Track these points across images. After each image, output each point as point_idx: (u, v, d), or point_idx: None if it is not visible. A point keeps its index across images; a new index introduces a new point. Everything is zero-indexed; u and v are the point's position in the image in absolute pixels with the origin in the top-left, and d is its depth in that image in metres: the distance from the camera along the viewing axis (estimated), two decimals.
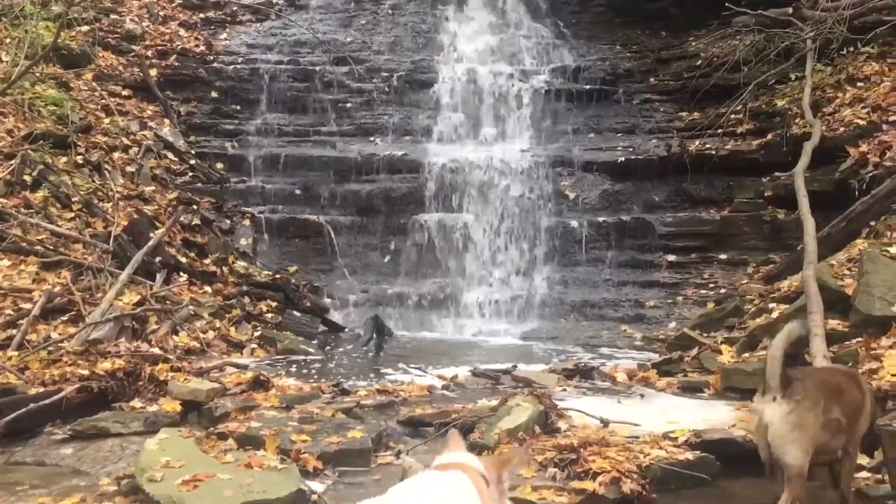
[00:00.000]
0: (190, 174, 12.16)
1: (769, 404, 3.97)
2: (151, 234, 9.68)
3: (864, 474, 4.87)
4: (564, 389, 7.03)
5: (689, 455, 5.00)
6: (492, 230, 12.30)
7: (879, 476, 4.71)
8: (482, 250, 12.21)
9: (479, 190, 12.61)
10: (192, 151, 12.68)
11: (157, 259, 9.41)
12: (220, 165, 12.73)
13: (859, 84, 11.31)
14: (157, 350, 7.39)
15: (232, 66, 14.11)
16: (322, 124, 13.66)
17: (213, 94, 13.73)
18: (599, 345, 10.14)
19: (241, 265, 10.64)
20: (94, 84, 12.73)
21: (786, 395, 3.92)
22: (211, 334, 8.55)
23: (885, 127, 10.28)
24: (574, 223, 12.10)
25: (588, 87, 13.93)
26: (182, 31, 14.76)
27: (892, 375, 6.03)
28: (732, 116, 12.33)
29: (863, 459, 5.01)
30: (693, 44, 14.11)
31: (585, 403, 6.32)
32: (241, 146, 13.23)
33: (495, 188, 12.62)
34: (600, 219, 12.06)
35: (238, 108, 13.76)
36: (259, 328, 9.34)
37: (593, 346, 10.06)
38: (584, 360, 8.77)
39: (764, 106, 12.33)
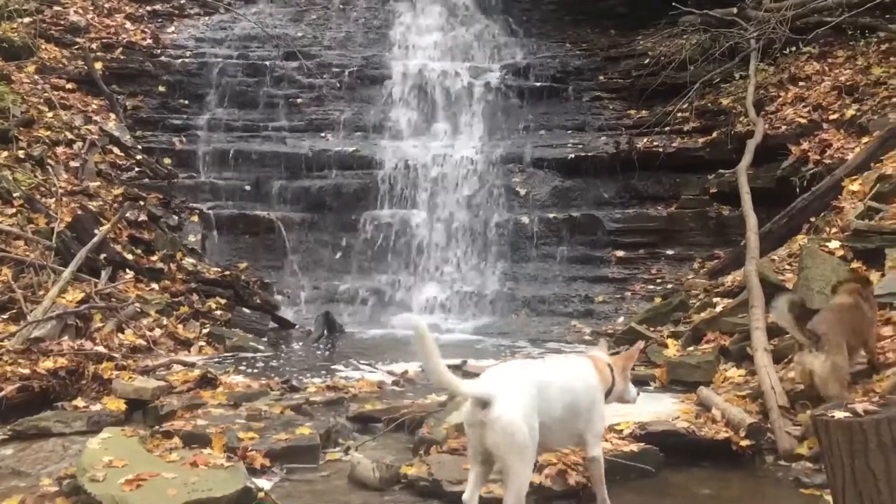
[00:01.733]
0: (136, 169, 11.96)
1: (808, 356, 5.32)
2: (96, 231, 9.49)
3: (802, 464, 5.02)
4: None
5: (634, 447, 5.09)
6: (444, 226, 12.33)
7: (818, 466, 4.84)
8: (434, 246, 12.23)
9: (431, 186, 12.63)
10: (139, 146, 12.47)
11: (102, 256, 9.24)
12: (167, 161, 12.54)
13: (801, 83, 11.61)
14: (101, 348, 7.24)
15: (180, 60, 13.91)
16: (272, 120, 13.55)
17: (161, 89, 13.52)
18: (550, 340, 10.24)
19: (189, 262, 10.50)
20: (36, 77, 12.43)
21: (818, 346, 5.26)
22: (158, 332, 8.42)
23: (825, 126, 10.58)
24: (525, 219, 12.19)
25: (539, 84, 14.03)
26: (128, 24, 14.51)
27: None
28: (679, 114, 12.55)
29: (802, 449, 5.19)
30: (641, 42, 14.31)
31: None
32: (189, 141, 13.05)
33: (447, 184, 12.65)
34: (551, 215, 12.17)
35: (186, 102, 13.57)
36: (208, 325, 9.23)
37: (544, 341, 10.15)
38: (535, 354, 8.85)
39: (710, 104, 12.58)
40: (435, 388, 5.81)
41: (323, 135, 13.39)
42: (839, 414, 3.84)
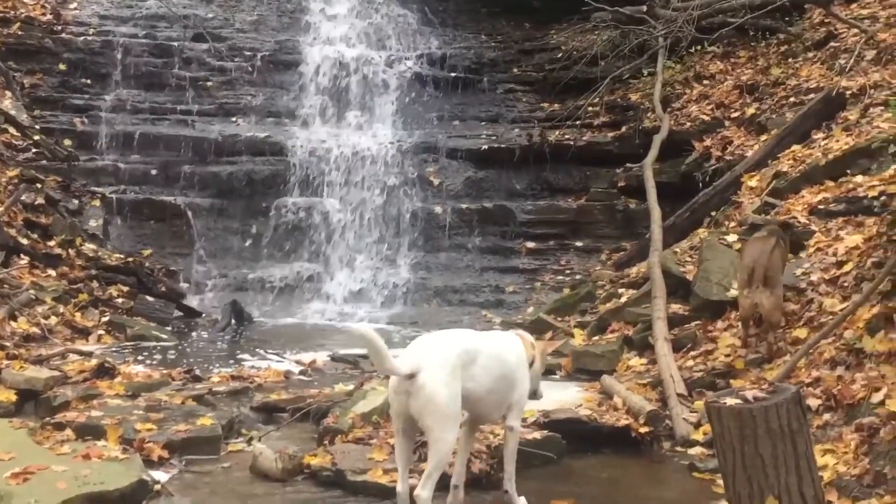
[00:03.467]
0: (34, 150, 11.37)
1: (758, 292, 6.17)
2: None
3: (697, 449, 5.19)
4: None
5: (537, 434, 5.17)
6: (356, 215, 12.24)
7: (712, 452, 5.01)
8: (346, 235, 12.13)
9: (343, 174, 12.51)
10: (37, 126, 11.87)
11: None
12: (67, 142, 12.00)
13: (705, 81, 11.99)
14: None
15: (82, 38, 13.30)
16: (181, 102, 13.10)
17: (61, 67, 12.91)
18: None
19: (89, 247, 10.09)
20: None
21: (765, 283, 6.16)
22: (54, 320, 8.09)
23: (727, 123, 10.96)
24: (438, 209, 12.22)
25: (453, 74, 14.04)
26: None
27: (725, 356, 6.45)
28: (590, 108, 12.77)
29: (697, 435, 5.38)
30: (554, 36, 14.46)
31: None
32: (91, 122, 12.52)
33: (360, 173, 12.55)
34: (464, 205, 12.24)
35: (88, 82, 13.00)
36: (108, 314, 8.90)
37: None
38: None
39: (619, 99, 12.85)
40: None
41: (233, 119, 13.07)
42: (731, 401, 3.98)
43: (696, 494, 4.38)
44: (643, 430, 5.36)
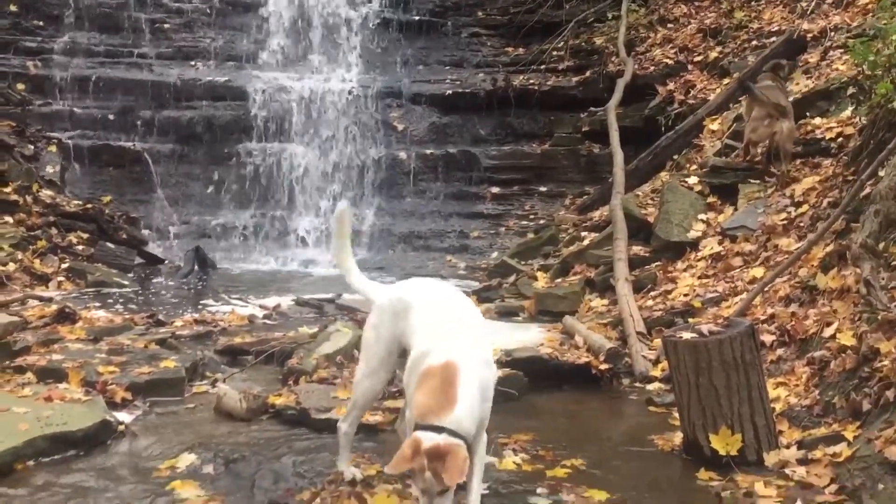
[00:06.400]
0: None
1: (777, 122, 7.26)
2: None
3: (655, 385, 5.31)
4: None
5: (500, 373, 5.23)
6: (320, 161, 12.13)
7: (669, 387, 5.13)
8: (310, 181, 12.03)
9: (306, 119, 12.35)
10: None
11: None
12: (20, 86, 11.67)
13: (669, 25, 11.98)
14: None
15: None
16: (137, 46, 12.81)
17: (12, 8, 12.49)
18: (425, 274, 10.29)
19: (47, 194, 9.91)
20: None
21: (783, 115, 7.28)
22: (12, 266, 7.97)
23: (690, 67, 10.98)
24: (402, 155, 12.16)
25: (418, 17, 13.85)
26: None
27: (684, 295, 6.57)
28: (555, 53, 12.73)
29: (655, 372, 5.50)
30: None
31: None
32: (44, 66, 12.19)
33: (324, 118, 12.40)
34: (428, 151, 12.19)
35: (41, 24, 12.61)
36: (67, 261, 8.80)
37: (419, 276, 10.22)
38: None
39: (584, 44, 12.80)
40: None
41: (192, 63, 12.80)
42: (687, 335, 4.08)
43: (653, 426, 4.49)
44: (603, 367, 5.46)
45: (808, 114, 8.07)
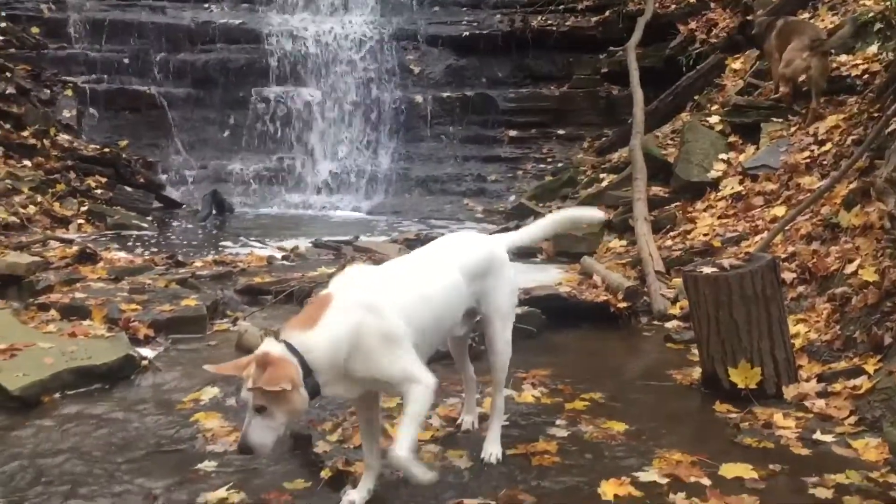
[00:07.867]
0: (1, 38, 11.04)
1: (814, 58, 7.09)
2: None
3: (673, 323, 5.31)
4: None
5: (518, 310, 5.23)
6: (336, 104, 12.04)
7: (687, 324, 5.12)
8: (326, 125, 11.97)
9: (322, 63, 12.23)
10: (3, 13, 11.48)
11: None
12: (35, 30, 11.62)
13: None
14: None
15: None
16: None
17: None
18: (442, 217, 10.34)
19: (64, 138, 9.93)
20: None
21: (819, 49, 7.13)
22: (32, 209, 8.03)
23: (712, 5, 10.72)
24: (419, 98, 12.04)
25: None
26: None
27: (704, 235, 6.52)
28: None
29: (674, 310, 5.48)
30: None
31: None
32: (59, 9, 12.12)
33: (339, 61, 12.28)
34: (444, 94, 12.06)
35: None
36: (87, 203, 8.85)
37: (436, 219, 10.24)
38: (426, 231, 8.92)
39: None
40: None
41: (206, 5, 12.67)
42: (707, 269, 4.05)
43: (671, 362, 4.49)
44: (621, 305, 5.45)
45: (832, 51, 7.88)
